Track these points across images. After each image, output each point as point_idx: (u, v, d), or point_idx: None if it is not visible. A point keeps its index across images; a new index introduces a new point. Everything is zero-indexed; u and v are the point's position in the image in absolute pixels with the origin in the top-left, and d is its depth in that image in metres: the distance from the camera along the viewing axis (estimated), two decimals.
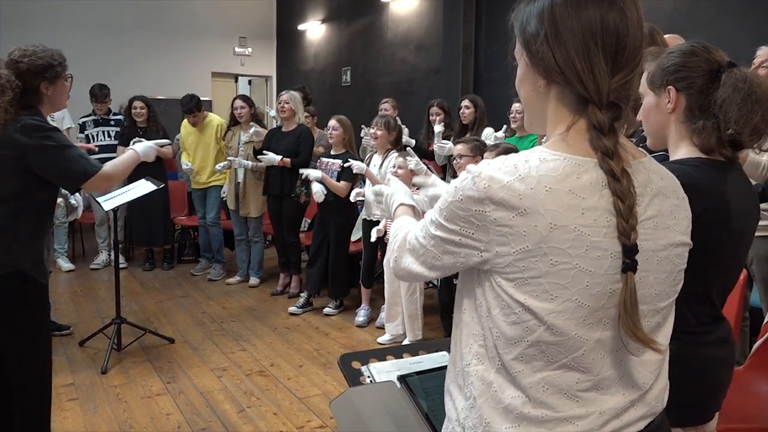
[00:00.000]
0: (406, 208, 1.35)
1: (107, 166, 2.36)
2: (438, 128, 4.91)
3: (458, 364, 1.03)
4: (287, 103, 5.03)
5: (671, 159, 1.43)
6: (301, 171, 4.69)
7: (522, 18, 0.97)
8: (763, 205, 2.93)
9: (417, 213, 1.34)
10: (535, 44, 0.94)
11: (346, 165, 4.44)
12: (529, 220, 0.88)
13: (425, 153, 5.06)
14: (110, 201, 3.85)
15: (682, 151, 1.41)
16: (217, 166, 5.34)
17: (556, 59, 0.91)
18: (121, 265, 5.02)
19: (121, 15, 9.19)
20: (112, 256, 3.99)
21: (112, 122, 5.99)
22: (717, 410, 1.49)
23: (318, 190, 4.55)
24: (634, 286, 0.89)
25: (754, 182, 2.83)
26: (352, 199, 4.16)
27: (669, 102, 1.40)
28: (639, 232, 0.90)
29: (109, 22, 9.08)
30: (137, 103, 5.74)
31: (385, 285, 4.23)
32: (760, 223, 2.94)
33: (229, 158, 5.27)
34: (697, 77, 1.37)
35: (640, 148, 1.02)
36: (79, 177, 2.24)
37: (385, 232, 3.90)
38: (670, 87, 1.40)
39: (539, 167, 0.90)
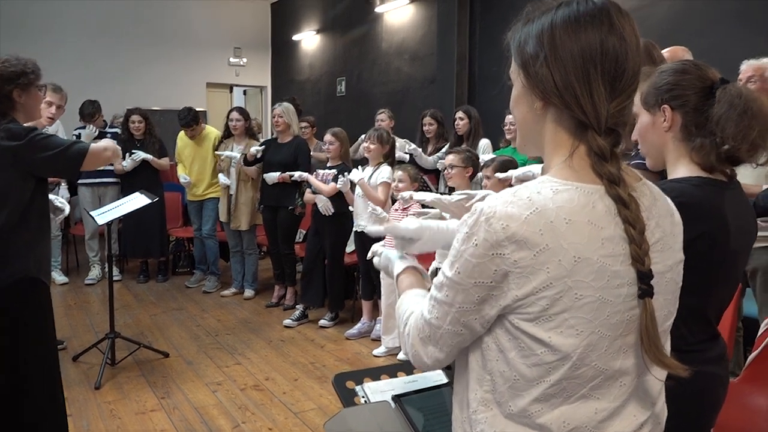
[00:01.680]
0: (407, 274, 1.23)
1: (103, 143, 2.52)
2: (411, 148, 5.05)
3: (464, 410, 0.99)
4: (281, 116, 5.03)
5: (670, 177, 1.43)
6: (293, 175, 4.67)
7: (519, 38, 0.96)
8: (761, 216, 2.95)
9: (419, 273, 1.24)
10: (534, 66, 0.92)
11: (339, 184, 4.45)
12: (552, 255, 0.85)
13: (419, 165, 5.09)
14: (104, 215, 3.83)
15: (682, 169, 1.41)
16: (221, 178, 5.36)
17: (555, 82, 0.90)
18: (114, 278, 5.00)
19: (117, 25, 9.20)
20: (106, 269, 3.99)
21: (108, 135, 5.94)
22: (712, 427, 1.49)
23: (324, 204, 4.54)
24: (653, 312, 0.88)
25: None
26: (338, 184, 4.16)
27: (665, 121, 1.41)
28: (650, 257, 0.89)
29: (104, 32, 9.09)
30: (135, 117, 5.75)
31: (382, 297, 4.22)
32: (761, 233, 2.96)
33: (221, 156, 5.29)
34: (691, 95, 1.38)
35: (634, 169, 1.01)
36: (77, 157, 2.32)
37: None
38: (665, 106, 1.40)
39: (555, 198, 0.87)
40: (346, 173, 4.52)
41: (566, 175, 0.91)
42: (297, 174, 4.65)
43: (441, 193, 4.55)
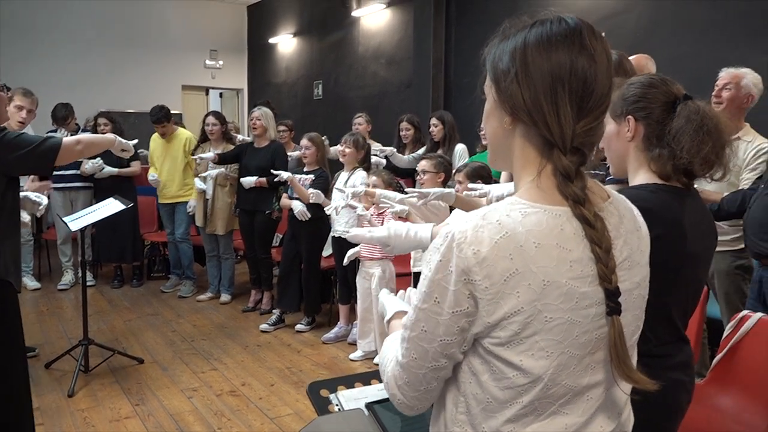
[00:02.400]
0: (397, 319, 1.21)
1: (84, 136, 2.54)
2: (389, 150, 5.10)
3: (442, 430, 1.00)
4: (259, 119, 5.03)
5: (630, 184, 1.49)
6: (277, 174, 4.66)
7: (494, 54, 0.97)
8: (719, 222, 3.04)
9: None
10: (504, 81, 0.93)
11: (312, 198, 4.44)
12: (522, 279, 0.86)
13: (396, 170, 5.12)
14: (78, 221, 3.79)
15: (641, 177, 1.47)
16: (203, 175, 5.31)
17: (524, 98, 0.91)
18: (88, 283, 4.95)
19: (90, 27, 9.09)
20: (79, 275, 3.94)
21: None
22: None
23: (300, 210, 4.54)
24: (621, 329, 0.89)
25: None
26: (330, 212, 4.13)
27: (629, 130, 1.46)
28: (618, 275, 0.90)
29: (77, 35, 8.97)
30: (101, 120, 5.69)
31: (358, 301, 4.24)
32: (722, 239, 3.03)
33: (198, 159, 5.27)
34: (655, 108, 1.44)
35: (603, 186, 1.03)
36: (49, 153, 2.30)
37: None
38: (629, 116, 1.46)
39: (524, 222, 0.88)
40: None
41: (534, 196, 0.92)
42: (285, 174, 4.59)
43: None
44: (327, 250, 4.84)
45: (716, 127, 1.38)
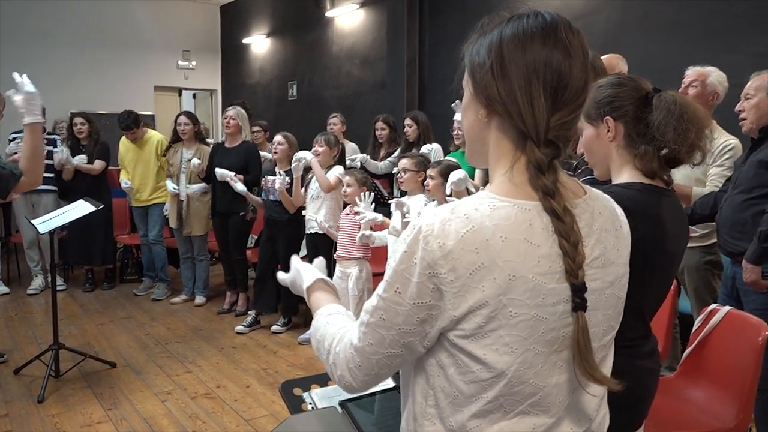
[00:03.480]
0: (316, 289, 1.21)
1: (22, 162, 2.48)
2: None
3: (411, 423, 1.00)
4: (233, 119, 4.98)
5: (614, 183, 1.50)
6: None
7: (472, 49, 0.97)
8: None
9: (328, 285, 1.24)
10: (480, 73, 0.94)
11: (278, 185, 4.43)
12: (487, 273, 0.86)
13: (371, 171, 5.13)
14: (46, 223, 3.72)
15: (626, 175, 1.48)
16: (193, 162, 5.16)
17: (499, 90, 0.91)
18: (59, 287, 4.86)
19: (61, 28, 8.93)
20: (50, 279, 3.86)
21: (45, 141, 5.75)
22: (644, 419, 1.56)
23: (281, 182, 4.48)
24: (585, 325, 0.89)
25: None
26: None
27: (609, 131, 1.49)
28: (587, 273, 0.90)
29: (45, 35, 8.80)
30: (77, 120, 5.61)
31: None
32: (691, 235, 3.09)
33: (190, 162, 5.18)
34: (629, 105, 1.46)
35: (580, 182, 1.04)
36: (9, 180, 2.25)
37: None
38: (607, 117, 1.48)
39: (492, 216, 0.87)
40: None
41: (505, 190, 0.92)
42: (273, 180, 4.55)
43: (393, 196, 4.61)
44: (303, 251, 4.82)
45: (695, 113, 1.41)
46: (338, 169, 4.38)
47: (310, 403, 1.51)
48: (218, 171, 4.84)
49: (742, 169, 2.75)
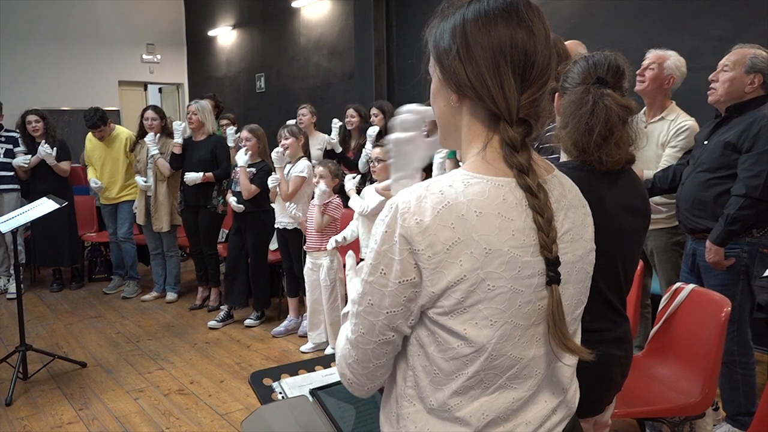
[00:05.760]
0: None
1: None
2: (372, 130, 4.89)
3: (392, 406, 1.00)
4: (195, 114, 4.90)
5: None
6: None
7: (436, 34, 0.97)
8: (657, 200, 3.14)
9: None
10: (447, 59, 0.94)
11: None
12: (464, 247, 0.87)
13: (347, 162, 5.12)
14: (8, 222, 3.62)
15: (564, 155, 1.53)
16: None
17: (468, 75, 0.92)
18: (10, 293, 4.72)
19: (17, 22, 8.69)
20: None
21: (2, 139, 5.52)
22: (608, 405, 1.57)
23: (233, 202, 4.50)
24: (559, 298, 0.91)
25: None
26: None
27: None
28: (559, 246, 0.92)
29: (5, 29, 8.56)
30: (31, 117, 5.41)
31: (307, 293, 4.21)
32: (657, 217, 3.13)
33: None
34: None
35: (547, 160, 1.05)
36: None
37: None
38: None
39: (466, 192, 0.89)
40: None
41: (479, 168, 0.93)
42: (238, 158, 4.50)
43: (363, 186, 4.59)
44: (274, 244, 4.78)
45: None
46: (302, 165, 4.33)
47: (280, 393, 1.50)
48: (188, 176, 4.80)
49: (706, 147, 2.78)
